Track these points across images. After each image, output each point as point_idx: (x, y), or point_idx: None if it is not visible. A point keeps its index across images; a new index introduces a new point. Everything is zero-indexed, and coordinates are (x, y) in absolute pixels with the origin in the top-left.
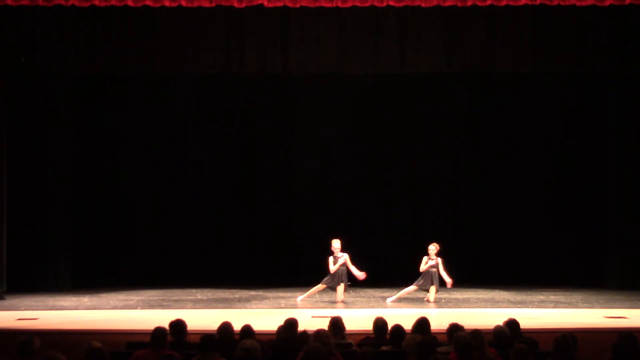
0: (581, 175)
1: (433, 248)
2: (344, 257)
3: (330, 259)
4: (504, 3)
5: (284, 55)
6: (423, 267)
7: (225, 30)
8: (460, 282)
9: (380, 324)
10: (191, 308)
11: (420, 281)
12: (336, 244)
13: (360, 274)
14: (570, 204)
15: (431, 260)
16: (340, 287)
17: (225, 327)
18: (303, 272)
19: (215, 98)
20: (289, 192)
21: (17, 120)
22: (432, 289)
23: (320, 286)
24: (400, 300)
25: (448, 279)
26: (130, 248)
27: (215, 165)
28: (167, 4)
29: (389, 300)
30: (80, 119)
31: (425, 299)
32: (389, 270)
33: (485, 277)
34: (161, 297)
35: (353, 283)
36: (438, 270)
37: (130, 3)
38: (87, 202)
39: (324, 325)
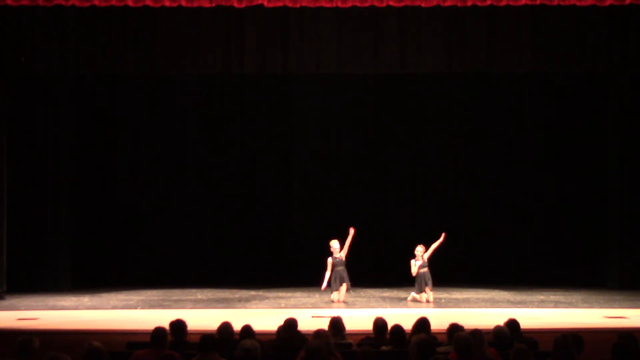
0: (581, 175)
1: (420, 250)
2: (342, 261)
3: (329, 259)
4: (504, 3)
5: (284, 55)
6: (414, 270)
7: (225, 30)
8: (461, 282)
9: (380, 324)
10: (191, 308)
11: (415, 287)
12: (335, 244)
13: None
14: (570, 203)
15: (418, 261)
16: (343, 287)
17: (225, 327)
18: (303, 272)
19: (215, 98)
20: (288, 192)
21: (17, 120)
22: (427, 290)
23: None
24: (400, 300)
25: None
26: (130, 248)
27: (215, 165)
28: (167, 4)
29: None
30: (80, 119)
31: (425, 300)
32: (389, 270)
33: (485, 277)
34: (161, 297)
35: (353, 283)
36: (429, 270)
37: (130, 3)
38: (87, 202)
39: (324, 325)
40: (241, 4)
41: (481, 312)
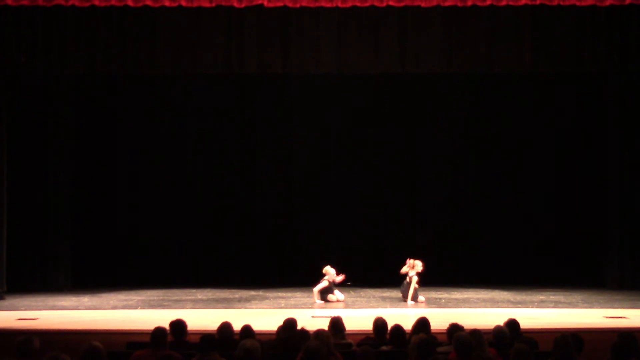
0: (581, 175)
1: (419, 264)
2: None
3: (326, 281)
4: (504, 3)
5: (284, 55)
6: (406, 270)
7: (225, 30)
8: (461, 282)
9: (380, 324)
10: (191, 308)
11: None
12: (330, 270)
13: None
14: (571, 203)
15: (412, 275)
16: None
17: (225, 327)
18: (303, 272)
19: (215, 98)
20: (288, 192)
21: (17, 120)
22: (420, 297)
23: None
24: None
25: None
26: (130, 248)
27: (215, 166)
28: (167, 4)
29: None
30: (80, 119)
31: (425, 300)
32: (388, 270)
33: (485, 277)
34: (161, 297)
35: (353, 283)
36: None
37: (130, 3)
38: (87, 202)
39: (324, 325)
40: (241, 4)
41: (481, 312)
